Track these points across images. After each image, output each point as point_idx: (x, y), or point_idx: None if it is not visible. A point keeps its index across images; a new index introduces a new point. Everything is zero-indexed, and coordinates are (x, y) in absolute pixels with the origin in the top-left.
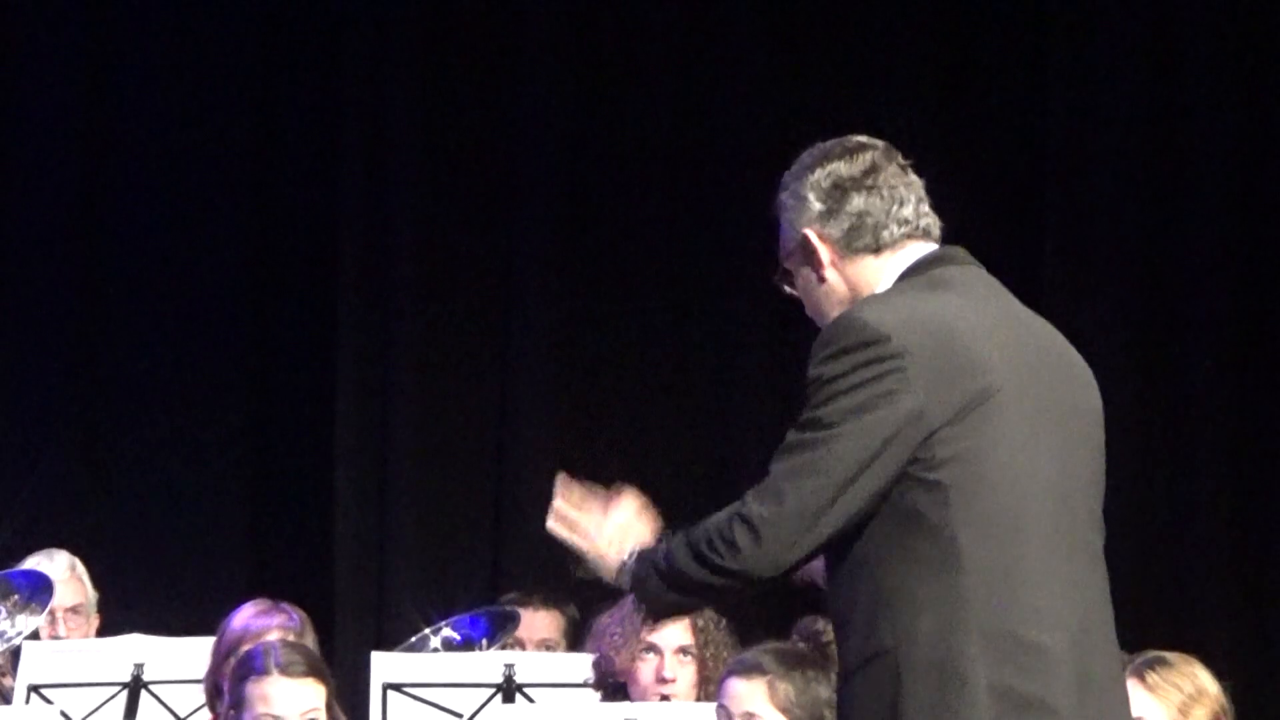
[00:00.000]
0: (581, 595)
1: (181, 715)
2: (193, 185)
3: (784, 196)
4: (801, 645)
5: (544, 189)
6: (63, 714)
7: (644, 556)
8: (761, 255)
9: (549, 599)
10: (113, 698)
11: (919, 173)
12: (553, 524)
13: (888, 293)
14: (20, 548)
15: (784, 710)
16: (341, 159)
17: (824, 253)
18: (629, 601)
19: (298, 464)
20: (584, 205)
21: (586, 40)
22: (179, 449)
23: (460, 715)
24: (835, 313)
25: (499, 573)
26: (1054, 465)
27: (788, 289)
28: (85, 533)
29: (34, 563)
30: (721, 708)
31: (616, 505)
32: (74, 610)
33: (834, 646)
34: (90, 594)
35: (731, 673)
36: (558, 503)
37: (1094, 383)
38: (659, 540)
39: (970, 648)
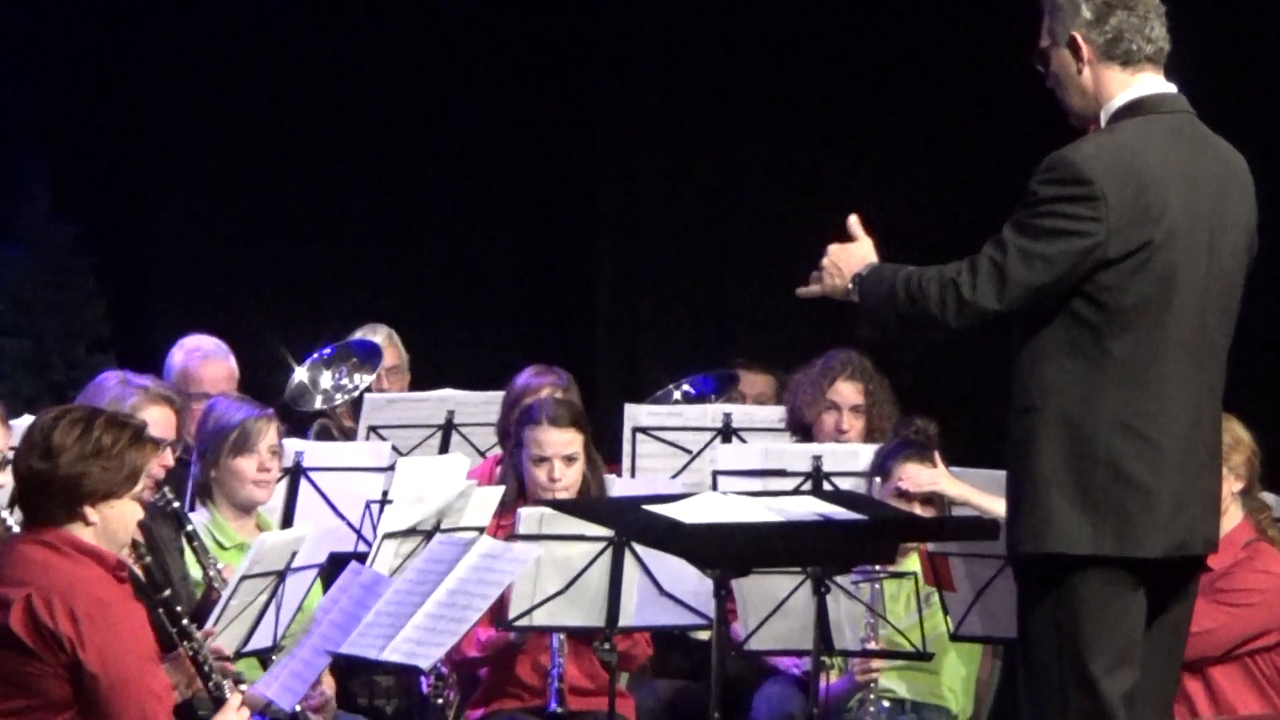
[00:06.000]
0: (789, 359)
1: (482, 449)
2: None
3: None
4: (916, 436)
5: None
6: (394, 448)
7: (878, 271)
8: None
9: (764, 363)
10: (430, 436)
11: None
12: (800, 290)
13: (1106, 135)
14: (352, 324)
15: None
16: None
17: (1086, 52)
18: (818, 364)
19: (567, 253)
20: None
21: None
22: (475, 267)
23: (690, 451)
24: (1077, 102)
25: (723, 341)
26: (1200, 289)
27: (1040, 68)
28: (400, 312)
29: (361, 334)
30: (900, 489)
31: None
32: (392, 370)
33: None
34: (404, 356)
35: (908, 458)
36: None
37: (1251, 197)
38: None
39: (1100, 429)
